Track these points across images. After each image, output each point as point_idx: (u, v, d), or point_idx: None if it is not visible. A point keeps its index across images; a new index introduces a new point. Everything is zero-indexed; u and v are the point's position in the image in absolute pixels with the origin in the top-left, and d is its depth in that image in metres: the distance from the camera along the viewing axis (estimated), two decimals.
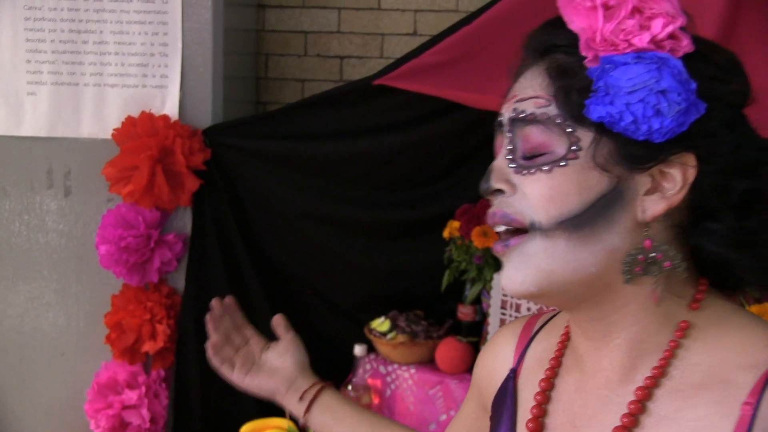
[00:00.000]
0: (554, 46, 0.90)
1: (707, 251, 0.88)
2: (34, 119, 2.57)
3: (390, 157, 2.60)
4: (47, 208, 2.60)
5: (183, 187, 2.49)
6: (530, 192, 0.88)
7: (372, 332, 2.54)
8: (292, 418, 2.42)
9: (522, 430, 1.00)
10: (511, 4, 2.35)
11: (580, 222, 0.86)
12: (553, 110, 0.88)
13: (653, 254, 0.87)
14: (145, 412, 2.52)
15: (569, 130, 0.87)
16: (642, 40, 0.83)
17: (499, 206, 0.91)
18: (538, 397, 0.99)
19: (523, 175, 0.89)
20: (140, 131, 2.47)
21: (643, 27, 0.83)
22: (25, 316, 2.63)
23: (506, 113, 0.93)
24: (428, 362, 2.52)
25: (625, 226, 0.87)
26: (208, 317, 1.51)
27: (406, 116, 2.54)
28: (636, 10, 0.84)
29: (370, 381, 2.53)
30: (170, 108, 2.55)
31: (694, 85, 0.83)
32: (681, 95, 0.82)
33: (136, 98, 2.55)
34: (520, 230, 0.90)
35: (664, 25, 0.83)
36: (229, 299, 1.54)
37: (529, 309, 2.21)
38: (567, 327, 1.02)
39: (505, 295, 2.25)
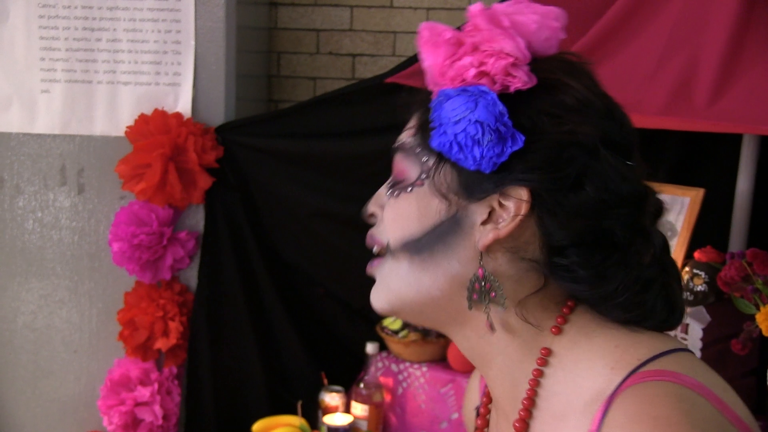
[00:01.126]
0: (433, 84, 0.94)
1: (576, 286, 0.89)
2: (47, 117, 2.58)
3: None
4: (60, 205, 2.61)
5: (195, 184, 2.49)
6: (385, 216, 0.96)
7: (384, 330, 2.54)
8: (304, 416, 2.42)
9: None
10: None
11: (420, 246, 0.91)
12: (415, 140, 0.93)
13: (484, 283, 0.89)
14: (157, 408, 2.52)
15: (424, 159, 0.91)
16: (470, 74, 0.86)
17: (372, 228, 0.99)
18: None
19: (387, 200, 0.96)
20: (153, 129, 2.48)
21: (481, 63, 0.86)
22: (38, 314, 2.65)
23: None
24: (440, 360, 2.51)
25: (466, 254, 0.90)
26: None
27: None
28: (474, 48, 0.87)
29: (381, 379, 2.53)
30: (183, 106, 2.56)
31: (506, 118, 0.84)
32: (492, 126, 0.84)
33: (149, 96, 2.56)
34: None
35: (495, 61, 0.85)
36: None
37: None
38: None
39: None
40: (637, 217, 0.89)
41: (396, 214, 0.94)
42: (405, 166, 0.94)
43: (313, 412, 2.50)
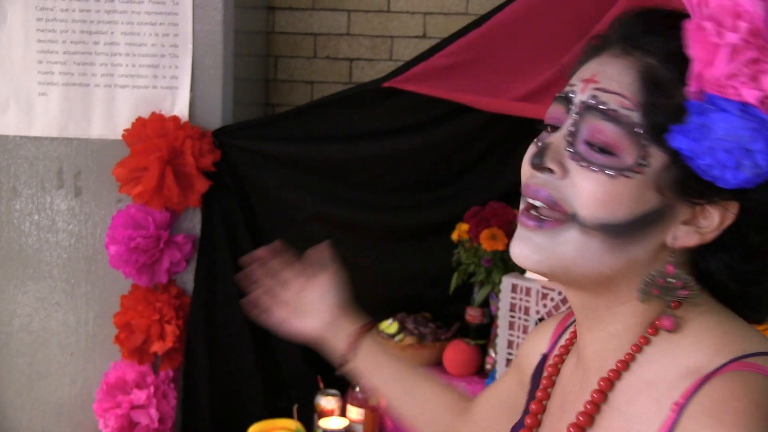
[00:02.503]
0: (649, 49, 0.88)
1: (714, 278, 0.91)
2: (45, 119, 2.58)
3: (399, 159, 2.60)
4: (57, 208, 2.61)
5: (192, 188, 2.50)
6: (584, 187, 0.88)
7: (380, 334, 2.54)
8: (300, 419, 2.43)
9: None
10: (521, 8, 2.36)
11: (620, 231, 0.87)
12: (636, 118, 0.86)
13: (672, 280, 0.88)
14: (153, 412, 2.52)
15: (644, 143, 0.86)
16: (750, 95, 0.81)
17: (545, 185, 0.90)
18: (544, 381, 1.05)
19: (581, 165, 0.88)
20: (150, 132, 2.48)
21: (755, 79, 0.81)
22: (34, 316, 2.64)
23: (579, 93, 0.91)
24: (436, 364, 2.52)
25: (654, 245, 0.88)
26: (240, 276, 1.48)
27: (415, 119, 2.54)
28: (754, 61, 0.81)
29: None
30: (180, 109, 2.56)
31: None
32: (762, 160, 0.82)
33: (146, 99, 2.56)
34: (554, 213, 0.90)
35: None
36: (277, 244, 1.48)
37: (538, 312, 2.21)
38: None
39: (513, 298, 2.25)
40: None
41: (606, 195, 0.87)
42: (619, 141, 0.87)
43: (308, 416, 2.50)
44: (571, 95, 0.92)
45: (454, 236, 2.52)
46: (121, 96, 2.57)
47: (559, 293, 2.14)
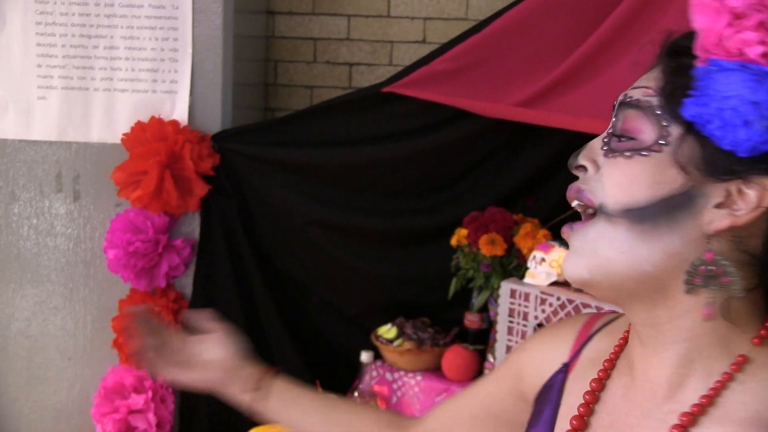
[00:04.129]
0: (682, 48, 0.88)
1: None
2: (44, 123, 2.58)
3: (399, 164, 2.60)
4: (56, 212, 2.61)
5: (191, 192, 2.49)
6: (607, 174, 0.88)
7: (379, 339, 2.54)
8: None
9: (564, 424, 0.99)
10: (521, 13, 2.36)
11: (644, 215, 0.85)
12: (655, 101, 0.87)
13: (713, 267, 0.84)
14: (151, 416, 2.52)
15: (664, 123, 0.86)
16: (754, 52, 0.80)
17: (579, 182, 0.91)
18: (587, 396, 0.98)
19: (608, 157, 0.89)
20: (149, 136, 2.48)
21: (764, 42, 0.80)
22: (32, 320, 2.64)
23: (619, 98, 0.92)
24: (435, 369, 2.52)
25: (689, 233, 0.85)
26: (124, 329, 1.45)
27: (415, 124, 2.54)
28: (761, 25, 0.80)
29: (376, 388, 2.53)
30: (180, 113, 2.56)
31: None
32: None
33: (145, 103, 2.56)
34: (587, 210, 0.90)
35: None
36: (143, 307, 1.47)
37: (536, 317, 2.21)
38: (627, 331, 1.00)
39: (512, 303, 2.25)
40: None
41: (624, 177, 0.86)
42: (639, 124, 0.87)
43: None
44: (614, 104, 0.93)
45: (453, 241, 2.52)
46: (120, 100, 2.57)
47: (558, 298, 2.14)
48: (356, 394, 2.48)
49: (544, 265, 2.20)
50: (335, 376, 2.61)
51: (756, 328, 0.87)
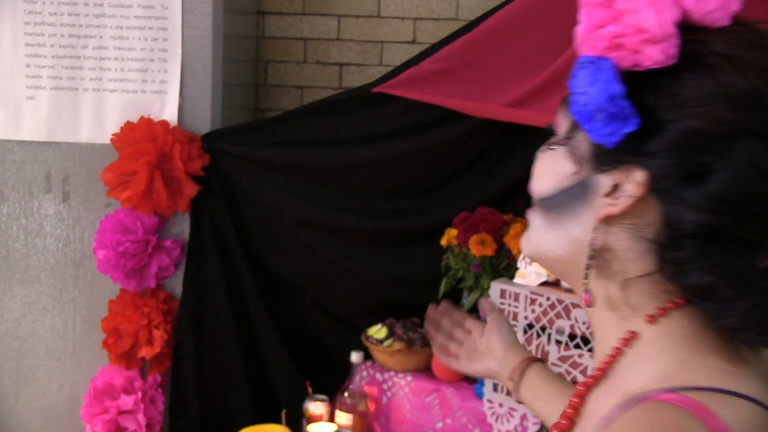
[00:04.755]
0: None
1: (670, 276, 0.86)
2: (33, 124, 2.57)
3: (388, 165, 2.60)
4: (45, 212, 2.60)
5: (181, 192, 2.49)
6: (534, 167, 0.97)
7: (369, 339, 2.54)
8: (289, 425, 2.42)
9: None
10: (511, 13, 2.36)
11: (551, 204, 0.93)
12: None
13: (602, 254, 0.89)
14: (141, 417, 2.51)
15: (570, 118, 0.91)
16: (600, 46, 0.84)
17: None
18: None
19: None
20: (139, 136, 2.48)
21: (619, 35, 0.83)
22: (21, 321, 2.63)
23: None
24: (425, 370, 2.52)
25: (587, 221, 0.90)
26: (426, 322, 1.62)
27: (404, 124, 2.54)
28: (618, 16, 0.83)
29: (366, 388, 2.53)
30: (169, 114, 2.56)
31: (620, 99, 0.81)
32: (602, 105, 0.82)
33: (135, 103, 2.55)
34: None
35: (631, 35, 0.82)
36: (444, 304, 1.62)
37: (526, 317, 2.21)
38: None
39: (502, 303, 2.25)
40: None
41: (539, 169, 0.96)
42: (560, 118, 0.94)
43: (297, 421, 2.50)
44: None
45: (443, 242, 2.52)
46: (109, 100, 2.56)
47: (548, 299, 2.14)
48: (346, 394, 2.48)
49: (534, 265, 2.20)
50: (325, 376, 2.61)
51: (653, 306, 0.89)
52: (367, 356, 2.56)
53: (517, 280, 2.24)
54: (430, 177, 2.63)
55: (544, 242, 0.95)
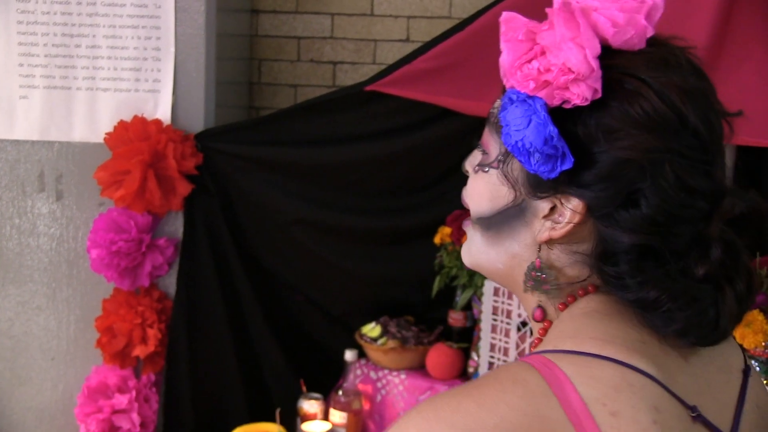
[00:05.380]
0: None
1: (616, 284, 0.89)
2: (26, 123, 2.57)
3: (382, 163, 2.60)
4: (38, 211, 2.59)
5: (175, 191, 2.49)
6: (468, 185, 0.99)
7: (363, 338, 2.54)
8: (283, 423, 2.42)
9: None
10: (504, 11, 2.36)
11: (489, 224, 0.95)
12: (498, 118, 0.92)
13: (539, 274, 0.92)
14: (135, 416, 2.51)
15: (500, 141, 0.92)
16: (530, 87, 0.86)
17: (464, 187, 1.00)
18: None
19: (471, 169, 0.98)
20: (132, 135, 2.47)
21: (545, 71, 0.85)
22: (15, 320, 2.63)
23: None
24: (419, 368, 2.52)
25: (525, 239, 0.93)
26: None
27: (398, 123, 2.54)
28: (543, 52, 0.86)
29: (360, 386, 2.53)
30: (163, 112, 2.55)
31: (555, 140, 0.84)
32: (539, 148, 0.85)
33: (128, 102, 2.55)
34: None
35: (557, 74, 0.84)
36: None
37: (519, 315, 2.22)
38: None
39: (496, 301, 2.25)
40: (701, 230, 0.87)
41: (473, 190, 0.97)
42: (488, 140, 0.95)
43: (291, 420, 2.50)
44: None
45: (437, 240, 2.52)
46: (102, 99, 2.56)
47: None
48: (340, 392, 2.48)
49: None
50: (320, 374, 2.62)
51: (565, 297, 0.94)
52: (361, 354, 2.56)
53: None
54: (423, 175, 2.63)
55: (484, 256, 0.97)
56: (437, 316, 2.61)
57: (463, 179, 2.79)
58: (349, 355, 2.50)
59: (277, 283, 2.67)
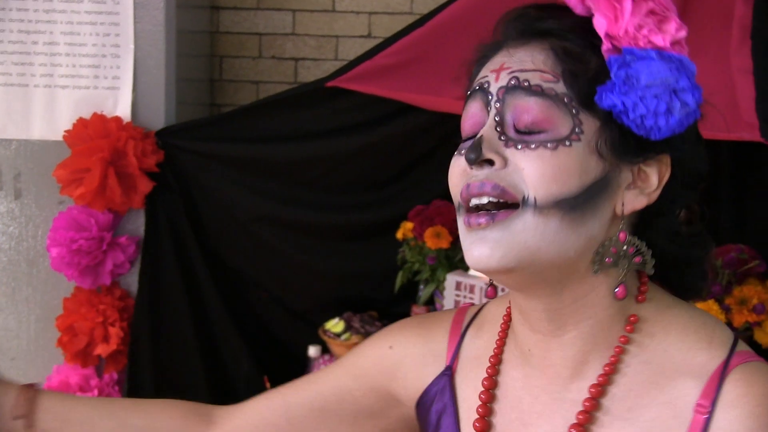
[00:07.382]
0: (550, 30, 0.90)
1: (659, 248, 0.91)
2: None
3: (344, 159, 2.61)
4: None
5: (136, 189, 2.47)
6: (528, 167, 0.86)
7: (326, 333, 2.54)
8: None
9: (468, 430, 0.98)
10: (464, 7, 2.37)
11: (575, 204, 0.86)
12: (561, 88, 0.87)
13: (626, 247, 0.89)
14: None
15: (574, 111, 0.87)
16: (663, 40, 0.84)
17: (488, 178, 0.88)
18: (483, 396, 0.98)
19: (518, 149, 0.87)
20: (92, 133, 2.45)
21: (660, 29, 0.85)
22: None
23: (494, 83, 0.91)
24: None
25: (605, 216, 0.88)
26: None
27: (359, 118, 2.55)
28: (651, 12, 0.85)
29: None
30: (122, 110, 2.53)
31: (700, 91, 0.85)
32: (693, 98, 0.85)
33: (87, 100, 2.53)
34: (504, 205, 0.88)
35: (677, 30, 0.85)
36: None
37: None
38: (504, 321, 1.02)
39: (458, 295, 2.26)
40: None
41: (554, 169, 0.85)
42: (549, 114, 0.86)
43: None
44: (486, 86, 0.91)
45: (399, 235, 2.53)
46: (61, 96, 2.53)
47: (503, 289, 2.16)
48: None
49: None
50: (283, 371, 2.60)
51: (637, 286, 0.93)
52: (325, 350, 2.56)
53: (472, 272, 2.26)
54: (386, 170, 2.64)
55: (556, 247, 0.86)
56: (400, 311, 2.61)
57: (426, 174, 2.77)
58: (313, 350, 2.51)
59: (240, 280, 2.67)
